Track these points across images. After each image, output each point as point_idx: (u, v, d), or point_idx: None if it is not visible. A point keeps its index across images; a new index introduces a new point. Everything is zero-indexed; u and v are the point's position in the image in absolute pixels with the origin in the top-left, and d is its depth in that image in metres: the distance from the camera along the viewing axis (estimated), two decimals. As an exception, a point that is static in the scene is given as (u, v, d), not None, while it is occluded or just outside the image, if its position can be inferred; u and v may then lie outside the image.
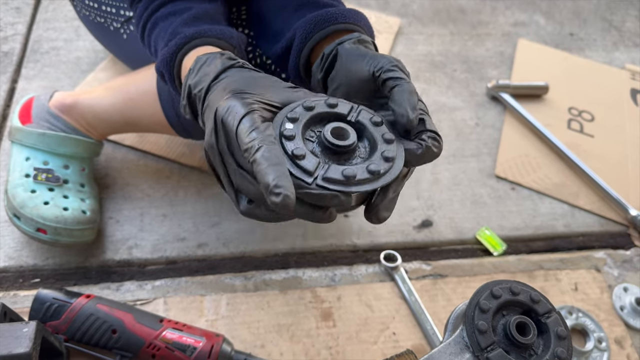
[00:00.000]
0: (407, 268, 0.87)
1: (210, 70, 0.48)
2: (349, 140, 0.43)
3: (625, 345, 0.83)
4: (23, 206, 0.77)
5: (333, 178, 0.41)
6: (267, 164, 0.38)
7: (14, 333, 0.57)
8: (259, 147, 0.39)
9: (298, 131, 0.43)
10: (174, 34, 0.57)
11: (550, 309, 0.49)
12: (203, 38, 0.56)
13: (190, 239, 0.87)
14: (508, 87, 1.18)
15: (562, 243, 0.96)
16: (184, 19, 0.59)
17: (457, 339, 0.48)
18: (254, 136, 0.40)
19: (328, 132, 0.43)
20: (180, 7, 0.61)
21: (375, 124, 0.46)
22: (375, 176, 0.42)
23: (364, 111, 0.47)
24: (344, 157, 0.44)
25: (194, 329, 0.70)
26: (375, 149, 0.44)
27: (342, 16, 0.58)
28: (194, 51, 0.55)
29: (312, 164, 0.41)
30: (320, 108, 0.45)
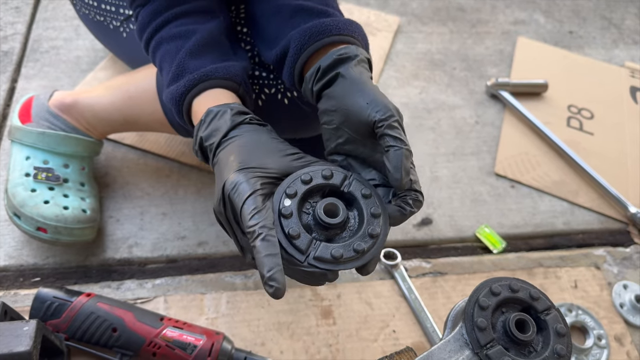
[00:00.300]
0: (407, 266, 0.87)
1: (220, 126, 0.54)
2: (338, 219, 0.48)
3: (625, 343, 0.83)
4: (23, 205, 0.77)
5: (323, 257, 0.46)
6: (264, 254, 0.44)
7: (14, 332, 0.57)
8: (259, 234, 0.45)
9: (294, 207, 0.48)
10: (180, 68, 0.60)
11: (550, 306, 0.49)
12: (211, 80, 0.59)
13: (191, 237, 0.87)
14: (507, 85, 1.18)
15: (561, 240, 0.97)
16: (189, 48, 0.61)
17: (456, 336, 0.48)
18: (256, 221, 0.46)
19: (321, 209, 0.48)
20: (185, 29, 0.62)
21: (365, 196, 0.50)
22: (360, 254, 0.48)
23: (355, 181, 0.51)
24: (334, 231, 0.49)
25: (194, 327, 0.70)
26: (362, 223, 0.49)
27: (336, 28, 0.58)
28: (202, 95, 0.59)
29: (305, 243, 0.47)
30: (316, 180, 0.50)
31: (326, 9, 0.63)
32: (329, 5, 0.64)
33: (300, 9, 0.63)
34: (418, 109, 1.14)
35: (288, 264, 0.47)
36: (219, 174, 0.51)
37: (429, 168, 1.03)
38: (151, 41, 0.64)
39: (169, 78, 0.61)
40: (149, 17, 0.64)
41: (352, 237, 0.49)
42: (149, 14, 0.64)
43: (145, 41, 0.65)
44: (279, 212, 0.48)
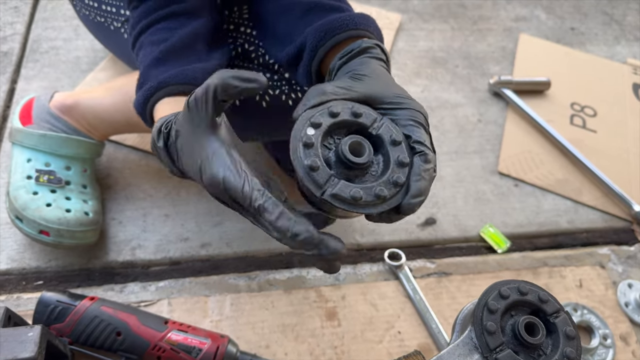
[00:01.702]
0: (412, 266, 0.87)
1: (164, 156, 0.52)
2: (363, 159, 0.45)
3: (630, 342, 0.82)
4: (25, 208, 0.76)
5: (340, 196, 0.43)
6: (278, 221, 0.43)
7: (18, 337, 0.56)
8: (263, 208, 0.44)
9: (318, 138, 0.44)
10: (144, 76, 0.60)
11: (559, 308, 0.49)
12: (167, 88, 0.58)
13: (194, 239, 0.86)
14: (510, 83, 1.17)
15: (566, 239, 0.96)
16: (156, 55, 0.61)
17: (465, 340, 0.48)
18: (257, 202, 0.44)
19: (346, 145, 0.44)
20: (162, 35, 0.62)
21: (394, 142, 0.46)
22: (380, 200, 0.44)
23: (386, 125, 0.47)
24: (356, 172, 0.45)
25: (199, 330, 0.70)
26: (387, 169, 0.46)
27: (352, 22, 0.58)
28: (161, 103, 0.58)
29: (324, 177, 0.43)
30: (344, 115, 0.46)
31: (339, 4, 0.63)
32: (341, 1, 0.64)
33: (313, 5, 0.62)
34: (420, 107, 1.14)
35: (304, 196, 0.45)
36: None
37: (432, 167, 1.03)
38: (135, 45, 0.65)
39: (136, 86, 0.61)
40: (137, 18, 0.64)
41: (374, 182, 0.45)
42: (138, 15, 0.64)
43: (132, 44, 0.65)
44: (301, 140, 0.44)
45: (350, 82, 0.50)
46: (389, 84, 0.51)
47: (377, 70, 0.52)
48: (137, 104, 0.60)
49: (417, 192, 0.45)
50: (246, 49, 0.72)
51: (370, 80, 0.50)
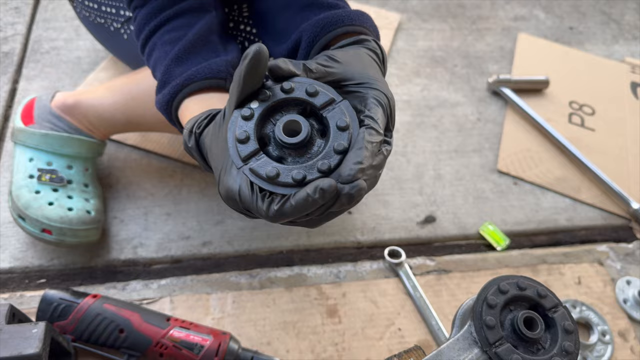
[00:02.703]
0: (411, 264, 0.87)
1: (196, 156, 0.52)
2: (299, 138, 0.43)
3: (628, 338, 0.83)
4: (28, 207, 0.77)
5: (257, 171, 0.42)
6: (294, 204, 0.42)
7: (23, 334, 0.57)
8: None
9: (258, 111, 0.44)
10: (166, 75, 0.60)
11: (557, 303, 0.50)
12: (193, 84, 0.58)
13: (195, 237, 0.87)
14: (509, 82, 1.18)
15: (564, 237, 0.97)
16: (176, 53, 0.60)
17: (465, 335, 0.49)
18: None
19: (281, 124, 0.43)
20: (174, 35, 0.62)
21: (339, 128, 0.43)
22: (295, 183, 0.42)
23: (339, 109, 0.44)
24: (290, 152, 0.44)
25: (200, 327, 0.70)
26: (323, 154, 0.43)
27: (348, 18, 0.58)
28: (188, 100, 0.58)
29: (249, 151, 0.43)
30: (297, 93, 0.45)
31: (336, 2, 0.63)
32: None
33: (311, 2, 0.63)
34: (420, 106, 1.14)
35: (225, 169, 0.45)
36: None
37: (432, 166, 1.03)
38: (145, 47, 0.64)
39: (157, 86, 0.61)
40: (144, 20, 0.64)
41: (303, 163, 0.43)
42: (144, 16, 0.64)
43: (140, 45, 0.65)
44: (240, 114, 0.44)
45: (327, 61, 0.50)
46: (367, 66, 0.51)
47: (361, 55, 0.52)
48: (161, 103, 0.59)
49: (354, 160, 0.42)
50: (246, 47, 0.72)
51: (348, 61, 0.50)
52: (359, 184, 0.41)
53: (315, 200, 0.40)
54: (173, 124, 0.61)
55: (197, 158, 0.52)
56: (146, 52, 0.64)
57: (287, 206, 0.42)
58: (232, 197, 0.44)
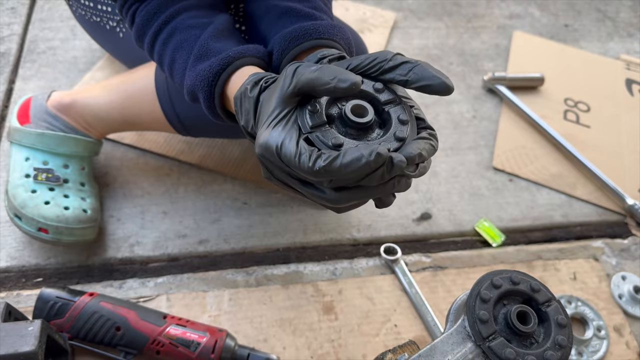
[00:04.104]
0: (407, 260, 0.88)
1: (248, 108, 0.50)
2: (366, 118, 0.46)
3: (624, 333, 0.83)
4: (24, 206, 0.77)
5: (323, 140, 0.44)
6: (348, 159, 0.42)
7: (19, 332, 0.57)
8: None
9: (322, 107, 0.46)
10: (204, 49, 0.58)
11: (550, 297, 0.50)
12: (245, 58, 0.57)
13: (191, 235, 0.87)
14: (504, 80, 1.18)
15: (560, 233, 0.97)
16: (211, 32, 0.59)
17: (458, 329, 0.49)
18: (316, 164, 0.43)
19: (349, 108, 0.46)
20: (199, 21, 0.61)
21: (401, 121, 0.47)
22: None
23: (399, 107, 0.48)
24: (352, 132, 0.46)
25: (197, 325, 0.70)
26: (386, 134, 0.47)
27: (316, 32, 0.58)
28: (236, 74, 0.56)
29: (317, 121, 0.45)
30: (365, 86, 0.48)
31: (313, 12, 0.63)
32: (318, 9, 0.64)
33: (287, 10, 0.63)
34: (415, 104, 1.15)
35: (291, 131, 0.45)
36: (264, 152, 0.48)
37: (428, 163, 1.04)
38: (160, 33, 0.62)
39: (190, 61, 0.58)
40: (155, 8, 0.62)
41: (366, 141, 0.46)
42: (155, 6, 0.62)
43: (152, 34, 0.62)
44: (305, 108, 0.46)
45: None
46: None
47: None
48: (209, 72, 0.56)
49: (415, 145, 0.45)
50: None
51: None
52: (414, 156, 0.44)
53: (367, 162, 0.40)
54: (206, 101, 0.58)
55: (250, 109, 0.50)
56: (160, 40, 0.62)
57: (337, 163, 0.41)
58: (269, 150, 0.44)
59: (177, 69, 0.60)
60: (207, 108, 0.59)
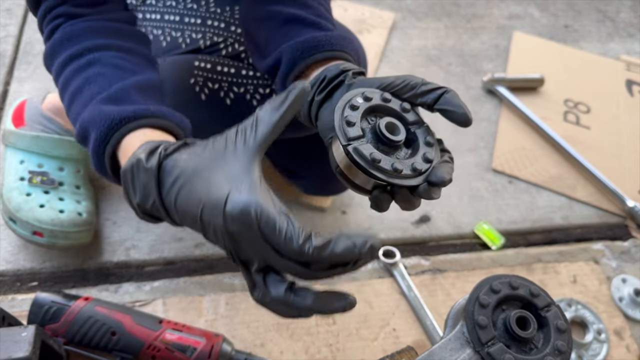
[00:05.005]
0: (406, 264, 0.87)
1: (147, 181, 0.43)
2: (397, 137, 0.48)
3: (624, 336, 0.83)
4: (19, 210, 0.76)
5: (361, 152, 0.46)
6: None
7: (13, 337, 0.56)
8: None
9: (358, 119, 0.48)
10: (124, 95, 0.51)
11: (550, 302, 0.49)
12: (164, 120, 0.49)
13: (188, 238, 0.87)
14: (504, 81, 1.17)
15: (560, 235, 0.97)
16: (135, 82, 0.52)
17: (457, 335, 0.48)
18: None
19: (383, 124, 0.48)
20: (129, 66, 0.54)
21: (427, 144, 0.50)
22: (396, 173, 0.46)
23: (424, 129, 0.51)
24: (384, 148, 0.48)
25: (193, 330, 0.70)
26: (412, 157, 0.49)
27: (329, 43, 0.57)
28: (136, 132, 0.48)
29: (355, 134, 0.47)
30: (376, 101, 0.49)
31: (318, 20, 0.62)
32: (322, 17, 0.63)
33: (292, 18, 0.62)
34: (414, 105, 1.14)
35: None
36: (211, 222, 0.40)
37: (427, 165, 1.03)
38: (79, 58, 0.54)
39: (100, 97, 0.50)
40: (82, 32, 0.55)
41: (399, 159, 0.48)
42: (83, 29, 0.56)
43: (69, 55, 0.54)
44: (344, 119, 0.47)
45: None
46: None
47: None
48: (116, 115, 0.48)
49: (445, 168, 0.47)
50: (236, 49, 0.72)
51: None
52: (446, 181, 0.47)
53: (359, 252, 0.38)
54: (100, 139, 0.48)
55: (146, 185, 0.43)
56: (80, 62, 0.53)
57: (327, 250, 0.38)
58: (246, 214, 0.38)
59: (80, 99, 0.52)
60: (95, 153, 0.50)
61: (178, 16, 0.75)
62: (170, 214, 0.43)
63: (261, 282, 0.41)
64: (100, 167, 0.50)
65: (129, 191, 0.45)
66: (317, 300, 0.42)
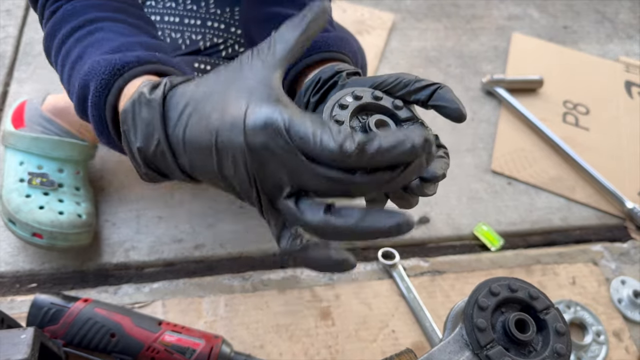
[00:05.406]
0: (405, 265, 0.87)
1: (151, 116, 0.38)
2: None
3: (623, 338, 0.83)
4: (18, 211, 0.76)
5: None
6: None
7: (11, 340, 0.56)
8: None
9: (347, 118, 0.47)
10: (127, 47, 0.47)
11: (549, 305, 0.49)
12: (169, 67, 0.46)
13: (187, 240, 0.87)
14: (503, 82, 1.18)
15: (559, 237, 0.97)
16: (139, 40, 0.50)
17: (456, 337, 0.48)
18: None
19: (372, 122, 0.47)
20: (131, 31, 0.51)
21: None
22: None
23: (418, 125, 0.50)
24: None
25: (193, 331, 0.70)
26: None
27: (325, 44, 0.57)
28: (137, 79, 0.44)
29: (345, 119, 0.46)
30: (366, 99, 0.49)
31: None
32: None
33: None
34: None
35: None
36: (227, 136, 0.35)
37: (426, 166, 1.03)
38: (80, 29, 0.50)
39: (100, 52, 0.46)
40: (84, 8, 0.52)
41: None
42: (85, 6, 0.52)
43: (71, 28, 0.51)
44: (332, 119, 0.46)
45: None
46: None
47: None
48: (118, 61, 0.44)
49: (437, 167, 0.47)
50: (236, 50, 0.72)
51: None
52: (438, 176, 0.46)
53: (413, 147, 0.32)
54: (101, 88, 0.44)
55: (149, 122, 0.38)
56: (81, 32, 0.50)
57: (374, 144, 0.32)
58: (272, 122, 0.33)
59: (80, 64, 0.47)
60: (94, 105, 0.45)
61: (178, 17, 0.76)
62: (177, 155, 0.38)
63: (294, 209, 0.35)
64: (100, 125, 0.44)
65: (129, 134, 0.39)
66: (364, 217, 0.34)
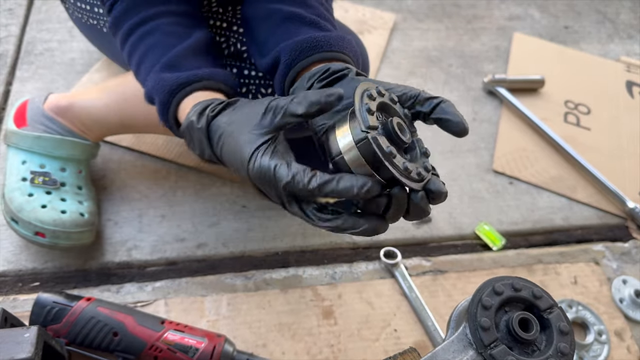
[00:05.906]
0: (407, 264, 0.87)
1: (201, 138, 0.53)
2: (407, 139, 0.48)
3: (625, 337, 0.83)
4: (21, 210, 0.76)
5: (379, 144, 0.45)
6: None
7: (15, 338, 0.57)
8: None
9: (375, 109, 0.48)
10: (174, 61, 0.60)
11: (552, 304, 0.49)
12: (210, 81, 0.59)
13: (190, 239, 0.87)
14: (504, 82, 1.18)
15: (560, 236, 0.97)
16: (186, 47, 0.61)
17: (460, 337, 0.48)
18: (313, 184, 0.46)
19: (395, 123, 0.47)
20: (180, 31, 0.63)
21: (424, 154, 0.52)
22: (405, 173, 0.47)
23: (420, 140, 0.53)
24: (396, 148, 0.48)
25: (195, 330, 0.70)
26: (413, 161, 0.50)
27: (327, 44, 0.58)
28: (199, 93, 0.58)
29: (373, 124, 0.46)
30: (386, 99, 0.50)
31: (317, 19, 0.62)
32: (321, 16, 0.63)
33: (291, 16, 0.62)
34: (415, 106, 1.14)
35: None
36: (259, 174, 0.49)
37: (427, 166, 1.03)
38: (142, 25, 0.63)
39: (157, 66, 0.60)
40: (139, 3, 0.63)
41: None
42: (139, 2, 0.63)
43: (134, 23, 0.63)
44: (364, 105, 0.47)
45: None
46: None
47: None
48: (174, 82, 0.58)
49: (440, 184, 0.49)
50: (238, 49, 0.72)
51: None
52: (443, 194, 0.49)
53: (358, 193, 0.44)
54: (163, 103, 0.59)
55: (202, 140, 0.53)
56: (138, 33, 0.63)
57: (330, 185, 0.45)
58: (266, 172, 0.47)
59: (144, 69, 0.62)
60: (161, 114, 0.60)
61: (181, 17, 0.76)
62: (222, 162, 0.53)
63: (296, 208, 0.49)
64: (168, 125, 0.61)
65: (189, 145, 0.56)
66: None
